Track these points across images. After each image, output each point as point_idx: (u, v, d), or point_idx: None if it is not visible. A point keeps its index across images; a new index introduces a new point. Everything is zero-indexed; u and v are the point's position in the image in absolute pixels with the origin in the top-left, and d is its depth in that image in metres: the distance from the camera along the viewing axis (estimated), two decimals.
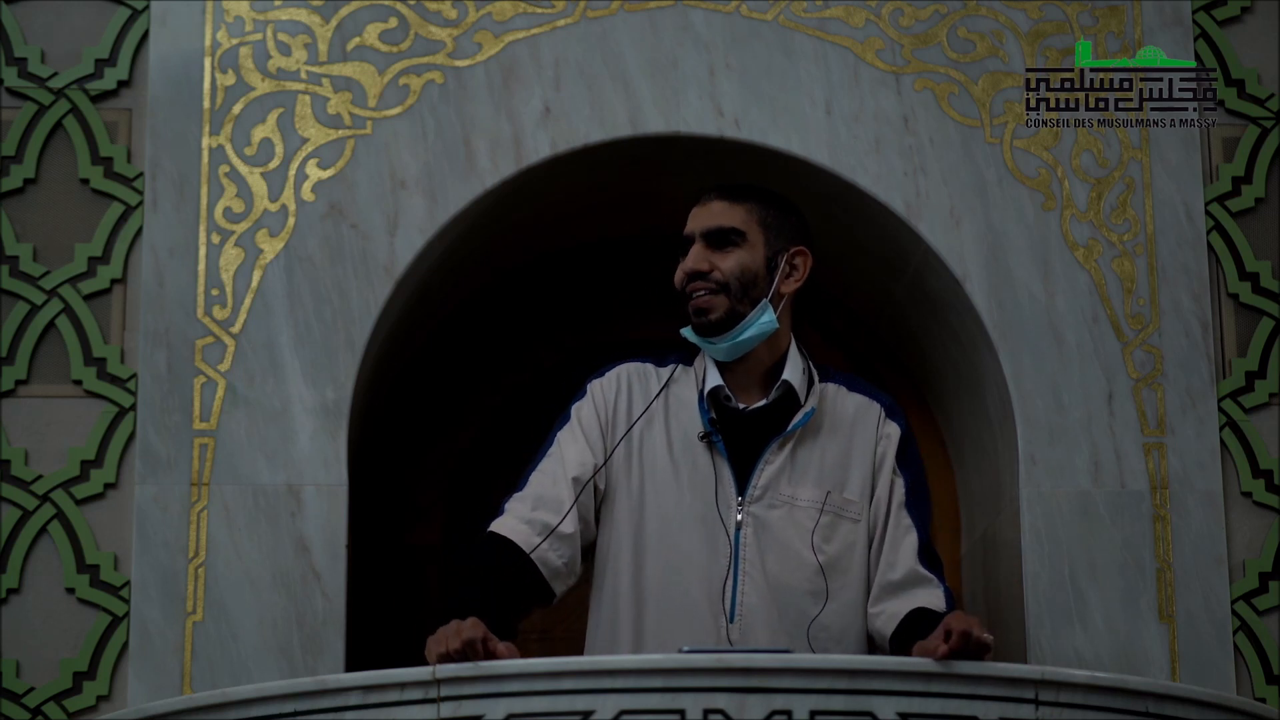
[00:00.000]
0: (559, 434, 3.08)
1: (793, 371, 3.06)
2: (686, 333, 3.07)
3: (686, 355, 3.13)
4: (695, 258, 3.04)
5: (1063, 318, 3.61)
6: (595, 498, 3.05)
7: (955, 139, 3.66)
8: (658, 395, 3.08)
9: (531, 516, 2.97)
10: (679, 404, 3.07)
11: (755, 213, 3.07)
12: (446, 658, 2.52)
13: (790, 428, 3.03)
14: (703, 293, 3.03)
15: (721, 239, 3.04)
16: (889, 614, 2.97)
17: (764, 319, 3.03)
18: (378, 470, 3.92)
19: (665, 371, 3.11)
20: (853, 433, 3.07)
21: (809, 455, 3.04)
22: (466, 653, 2.52)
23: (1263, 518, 3.59)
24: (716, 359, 3.07)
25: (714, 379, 3.05)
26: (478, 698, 2.42)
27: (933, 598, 2.97)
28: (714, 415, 3.04)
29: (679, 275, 3.06)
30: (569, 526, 2.98)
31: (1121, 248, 3.64)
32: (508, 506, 3.01)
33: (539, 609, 3.07)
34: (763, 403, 3.05)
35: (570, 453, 3.04)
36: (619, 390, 3.09)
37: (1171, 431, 3.57)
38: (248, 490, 3.47)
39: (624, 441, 3.04)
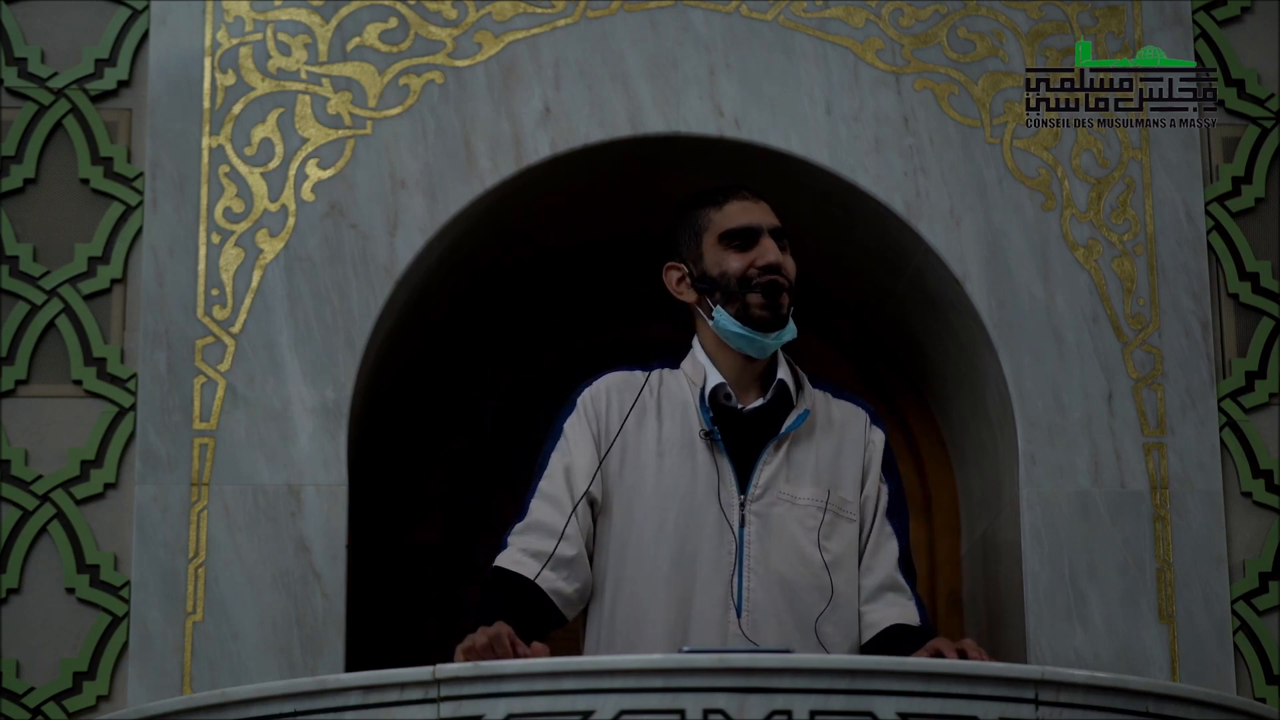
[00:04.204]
0: (553, 455, 3.06)
1: (784, 373, 3.09)
2: (726, 320, 3.04)
3: (671, 360, 3.14)
4: (776, 251, 3.04)
5: (1063, 318, 3.61)
6: (593, 510, 3.04)
7: (955, 139, 3.66)
8: (635, 401, 3.06)
9: (537, 548, 2.97)
10: (671, 404, 3.07)
11: None
12: (473, 652, 2.57)
13: (788, 427, 3.04)
14: (784, 285, 3.04)
15: (780, 238, 3.08)
16: (866, 621, 3.02)
17: (791, 323, 3.06)
18: (378, 470, 3.92)
19: (654, 376, 3.11)
20: (843, 435, 3.10)
21: (804, 455, 3.05)
22: (494, 647, 2.56)
23: (1263, 518, 3.59)
24: (749, 354, 3.06)
25: (715, 378, 3.06)
26: (478, 698, 2.42)
27: (906, 610, 3.02)
28: (713, 414, 3.05)
29: (743, 265, 3.03)
30: (573, 550, 2.98)
31: (1121, 248, 3.64)
32: (510, 539, 3.00)
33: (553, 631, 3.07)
34: (760, 402, 3.06)
35: (567, 473, 3.03)
36: (609, 401, 3.08)
37: (1171, 431, 3.57)
38: (248, 490, 3.47)
39: (619, 450, 3.03)
